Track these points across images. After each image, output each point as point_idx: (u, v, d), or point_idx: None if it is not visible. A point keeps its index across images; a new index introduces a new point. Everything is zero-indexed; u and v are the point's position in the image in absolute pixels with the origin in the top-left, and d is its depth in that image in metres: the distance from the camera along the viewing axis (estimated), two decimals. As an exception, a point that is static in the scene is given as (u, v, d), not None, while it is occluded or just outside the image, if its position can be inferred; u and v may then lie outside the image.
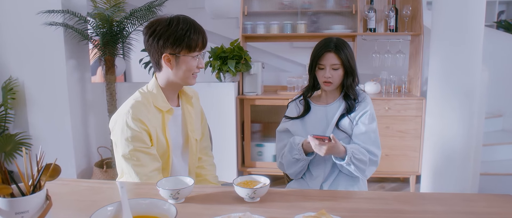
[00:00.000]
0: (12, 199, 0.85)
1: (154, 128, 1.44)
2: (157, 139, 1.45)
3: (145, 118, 1.40)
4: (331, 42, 1.68)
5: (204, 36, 1.47)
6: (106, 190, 1.30)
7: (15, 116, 3.28)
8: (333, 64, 1.66)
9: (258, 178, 1.24)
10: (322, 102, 1.78)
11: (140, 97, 1.46)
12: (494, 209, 1.13)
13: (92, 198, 1.21)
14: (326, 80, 1.68)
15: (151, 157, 1.42)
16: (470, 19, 2.63)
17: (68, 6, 3.10)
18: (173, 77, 1.48)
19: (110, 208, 0.91)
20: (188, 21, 1.44)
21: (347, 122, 1.69)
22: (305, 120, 1.76)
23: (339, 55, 1.65)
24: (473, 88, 2.68)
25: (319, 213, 1.00)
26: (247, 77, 3.38)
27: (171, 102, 1.53)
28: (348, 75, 1.69)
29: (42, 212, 0.87)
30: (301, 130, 1.73)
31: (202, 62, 1.51)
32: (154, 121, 1.44)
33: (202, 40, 1.46)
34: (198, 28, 1.45)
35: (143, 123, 1.39)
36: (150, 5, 3.08)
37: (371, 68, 3.56)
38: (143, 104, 1.43)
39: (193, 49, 1.44)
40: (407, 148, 3.21)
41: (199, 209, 1.12)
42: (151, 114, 1.44)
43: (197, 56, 1.47)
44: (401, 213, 1.10)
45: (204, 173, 1.72)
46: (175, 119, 1.55)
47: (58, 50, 3.13)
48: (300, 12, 3.58)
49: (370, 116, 1.69)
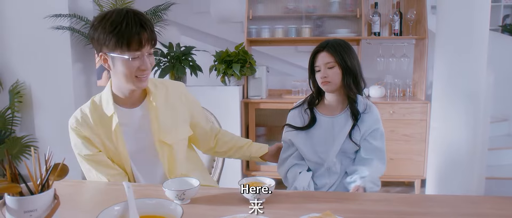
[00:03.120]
0: (21, 197, 0.86)
1: (98, 137, 1.36)
2: (104, 148, 1.37)
3: (84, 129, 1.34)
4: (324, 42, 1.63)
5: (147, 32, 1.24)
6: (111, 191, 1.31)
7: (22, 119, 3.31)
8: (327, 63, 1.59)
9: (264, 180, 1.24)
10: (328, 112, 1.68)
11: (89, 103, 1.40)
12: (499, 211, 1.12)
13: (98, 199, 1.23)
14: (323, 80, 1.60)
15: (101, 163, 1.38)
16: (475, 23, 2.63)
17: (75, 10, 3.14)
18: (116, 80, 1.33)
19: (117, 207, 0.92)
20: (123, 13, 1.22)
21: (357, 133, 1.61)
22: (310, 131, 1.66)
23: (332, 53, 1.59)
24: (478, 92, 2.68)
25: (324, 214, 1.01)
26: (251, 81, 3.40)
27: (127, 105, 1.39)
28: (346, 74, 1.60)
29: (50, 211, 0.88)
30: (305, 142, 1.65)
31: (147, 62, 1.27)
32: (99, 129, 1.36)
33: (140, 38, 1.22)
34: (137, 21, 1.22)
35: (80, 132, 1.35)
36: (155, 10, 3.12)
37: (375, 72, 3.56)
38: (85, 114, 1.37)
39: (127, 48, 1.22)
40: (412, 152, 3.20)
41: (205, 210, 1.12)
42: (97, 122, 1.36)
43: (135, 57, 1.24)
44: (407, 214, 1.10)
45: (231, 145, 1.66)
46: (133, 122, 1.40)
47: (64, 54, 3.17)
48: (304, 16, 3.59)
49: (380, 134, 1.64)
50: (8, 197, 0.85)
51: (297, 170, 1.64)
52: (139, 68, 1.26)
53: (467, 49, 2.65)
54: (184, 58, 3.18)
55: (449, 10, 2.70)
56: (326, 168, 1.62)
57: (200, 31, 4.27)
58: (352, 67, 1.59)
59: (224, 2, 3.73)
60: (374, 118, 1.62)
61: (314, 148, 1.64)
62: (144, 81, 1.31)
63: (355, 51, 1.65)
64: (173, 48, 3.24)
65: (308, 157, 1.65)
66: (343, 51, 1.59)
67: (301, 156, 1.68)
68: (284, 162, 1.70)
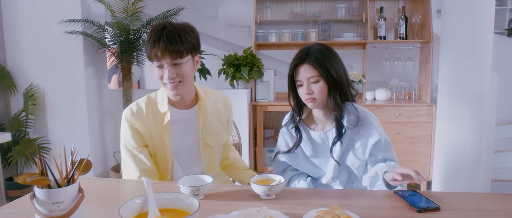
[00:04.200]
0: (50, 190, 0.92)
1: (148, 130, 1.47)
2: (152, 141, 1.48)
3: (136, 122, 1.46)
4: (304, 52, 1.43)
5: (163, 42, 1.35)
6: (128, 188, 1.37)
7: (35, 121, 3.39)
8: (310, 77, 1.40)
9: (273, 177, 1.30)
10: (318, 127, 1.53)
11: (145, 99, 1.51)
12: (502, 207, 1.16)
13: (117, 194, 1.29)
14: (307, 98, 1.43)
15: (140, 157, 1.48)
16: (479, 27, 2.66)
17: (88, 15, 3.22)
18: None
19: (138, 200, 0.98)
20: (158, 25, 1.39)
21: (359, 150, 1.47)
22: (302, 147, 1.55)
23: (315, 65, 1.39)
24: (483, 94, 2.70)
25: (332, 208, 1.06)
26: (259, 84, 3.46)
27: (179, 106, 1.52)
28: (332, 88, 1.41)
29: (76, 203, 0.94)
30: (301, 159, 1.56)
31: (167, 75, 1.38)
32: (150, 124, 1.47)
33: (157, 49, 1.35)
34: (159, 34, 1.36)
35: (133, 125, 1.47)
36: (166, 14, 3.19)
37: (381, 75, 3.61)
38: (141, 108, 1.49)
39: (153, 57, 1.38)
40: (418, 154, 3.23)
41: (218, 205, 1.18)
42: (150, 116, 1.48)
43: (159, 66, 1.39)
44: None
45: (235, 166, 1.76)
46: (183, 122, 1.53)
47: (77, 58, 3.24)
48: (311, 20, 3.65)
49: (385, 144, 1.46)
50: (37, 189, 0.92)
51: (297, 180, 1.57)
52: (162, 77, 1.40)
53: (471, 53, 2.68)
54: (194, 62, 3.25)
55: (453, 14, 2.73)
56: (329, 180, 1.54)
57: (209, 36, 4.35)
58: (338, 78, 1.41)
59: (232, 7, 3.80)
60: (369, 130, 1.45)
61: (310, 161, 1.56)
62: (172, 90, 1.43)
63: (338, 56, 1.46)
64: (182, 52, 3.30)
65: (308, 171, 1.58)
66: (326, 61, 1.40)
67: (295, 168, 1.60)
68: (280, 173, 1.57)
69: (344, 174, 1.54)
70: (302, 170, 1.59)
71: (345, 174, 1.54)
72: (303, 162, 1.56)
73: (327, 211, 1.04)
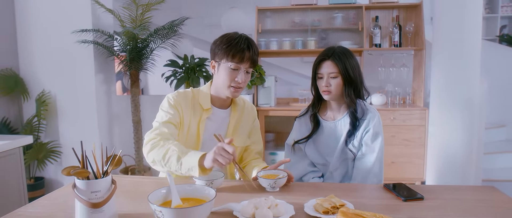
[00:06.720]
0: (88, 181, 1.08)
1: (188, 117, 1.59)
2: (188, 129, 1.59)
3: (183, 104, 1.58)
4: (330, 50, 1.64)
5: (250, 52, 1.52)
6: (148, 183, 1.52)
7: (47, 126, 3.54)
8: (330, 73, 1.61)
9: (279, 173, 1.45)
10: (329, 117, 1.74)
11: (190, 91, 1.66)
12: (482, 198, 1.32)
13: (139, 189, 1.44)
14: (325, 89, 1.63)
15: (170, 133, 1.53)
16: (467, 33, 2.78)
17: (98, 25, 3.39)
18: (215, 83, 1.62)
19: (163, 190, 1.14)
20: (239, 35, 1.55)
21: (355, 140, 1.66)
22: (315, 138, 1.74)
23: (337, 63, 1.60)
24: (473, 99, 2.84)
25: (329, 197, 1.22)
26: (261, 90, 3.62)
27: (217, 105, 1.66)
28: (348, 85, 1.62)
29: (110, 193, 1.10)
30: (313, 150, 1.74)
31: (241, 77, 1.53)
32: (190, 113, 1.60)
33: (243, 54, 1.51)
34: (247, 44, 1.53)
35: (178, 106, 1.57)
36: (171, 24, 3.35)
37: (377, 81, 3.76)
38: (188, 95, 1.63)
39: (231, 58, 1.51)
40: (412, 156, 3.38)
41: (229, 197, 1.34)
42: (191, 106, 1.60)
43: (235, 68, 1.52)
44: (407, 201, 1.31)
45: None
46: (216, 119, 1.65)
47: (88, 65, 3.40)
48: (310, 29, 3.80)
49: (373, 135, 1.63)
50: (78, 180, 1.08)
51: (311, 176, 1.72)
52: (235, 79, 1.54)
53: (461, 58, 2.81)
54: (198, 69, 3.42)
55: (443, 21, 2.86)
56: (330, 171, 1.72)
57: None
58: (354, 78, 1.62)
59: (234, 16, 3.95)
60: (367, 121, 1.65)
61: (319, 151, 1.74)
62: (236, 92, 1.59)
63: (357, 60, 1.68)
64: (187, 60, 3.47)
65: (316, 161, 1.74)
66: (347, 61, 1.60)
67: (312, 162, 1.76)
68: (296, 165, 1.74)
69: (344, 166, 1.71)
70: (311, 159, 1.75)
71: (344, 167, 1.71)
72: (313, 150, 1.73)
73: (325, 199, 1.20)
